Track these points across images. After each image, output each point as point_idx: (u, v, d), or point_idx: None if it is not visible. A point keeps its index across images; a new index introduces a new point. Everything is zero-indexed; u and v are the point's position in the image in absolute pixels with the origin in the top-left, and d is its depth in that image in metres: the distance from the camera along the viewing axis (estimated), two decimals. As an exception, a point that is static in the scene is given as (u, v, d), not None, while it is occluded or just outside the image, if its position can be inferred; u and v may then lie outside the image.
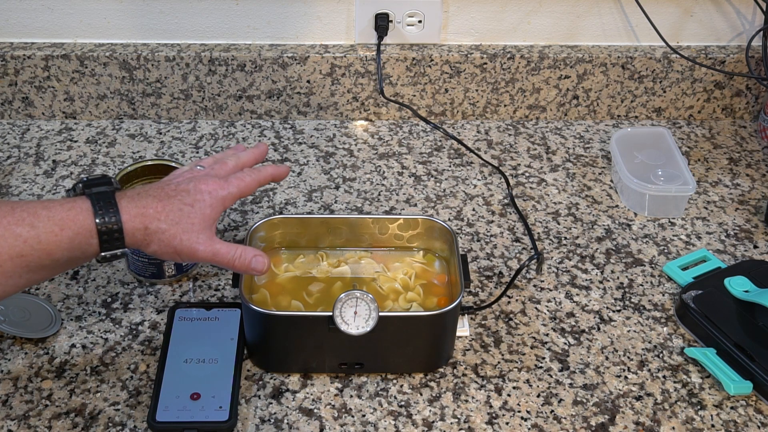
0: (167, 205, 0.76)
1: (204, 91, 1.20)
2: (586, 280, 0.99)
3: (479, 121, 1.25)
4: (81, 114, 1.22)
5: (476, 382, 0.87)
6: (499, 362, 0.89)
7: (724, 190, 1.14)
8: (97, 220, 0.73)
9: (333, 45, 1.20)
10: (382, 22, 1.17)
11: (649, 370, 0.89)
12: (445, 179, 1.14)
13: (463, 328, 0.92)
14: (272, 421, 0.83)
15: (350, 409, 0.84)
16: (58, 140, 1.18)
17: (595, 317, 0.95)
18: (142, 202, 0.76)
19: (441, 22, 1.19)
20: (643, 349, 0.91)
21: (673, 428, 0.84)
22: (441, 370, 0.88)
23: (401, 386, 0.86)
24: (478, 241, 1.04)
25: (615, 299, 0.97)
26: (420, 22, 1.19)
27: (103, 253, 0.74)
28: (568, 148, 1.20)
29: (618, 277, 1.00)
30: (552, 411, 0.85)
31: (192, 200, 0.78)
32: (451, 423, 0.83)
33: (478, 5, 1.19)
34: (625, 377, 0.88)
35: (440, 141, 1.21)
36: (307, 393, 0.85)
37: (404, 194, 1.11)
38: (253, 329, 0.86)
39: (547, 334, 0.93)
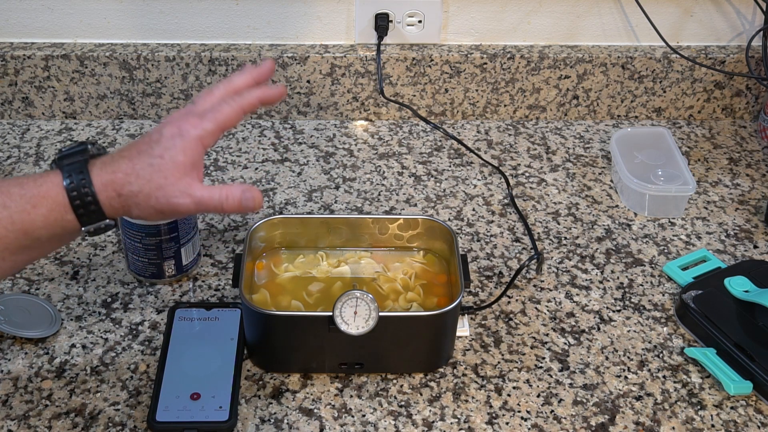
0: (137, 164, 0.71)
1: (204, 91, 1.20)
2: (586, 280, 0.99)
3: (479, 121, 1.25)
4: (81, 114, 1.22)
5: (476, 382, 0.87)
6: (499, 362, 0.89)
7: (724, 190, 1.14)
8: (69, 193, 0.69)
9: (333, 45, 1.20)
10: (382, 22, 1.17)
11: (649, 370, 0.89)
12: (445, 179, 1.14)
13: (463, 328, 0.92)
14: (272, 421, 0.83)
15: (350, 409, 0.84)
16: (58, 140, 1.18)
17: (595, 317, 0.95)
18: (113, 167, 0.71)
19: (441, 22, 1.19)
20: (643, 349, 0.91)
21: (673, 428, 0.84)
22: (441, 370, 0.88)
23: (401, 386, 0.86)
24: (478, 241, 1.04)
25: (615, 299, 0.97)
26: (420, 22, 1.19)
27: (85, 228, 0.70)
28: (568, 148, 1.20)
29: (618, 277, 1.00)
30: (552, 411, 0.85)
31: (161, 150, 0.71)
32: (451, 423, 0.83)
33: (478, 5, 1.19)
34: (625, 377, 0.88)
35: (440, 141, 1.21)
36: (307, 393, 0.85)
37: (404, 194, 1.11)
38: (253, 329, 0.86)
39: (547, 334, 0.93)
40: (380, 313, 0.81)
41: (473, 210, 1.09)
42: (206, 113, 0.74)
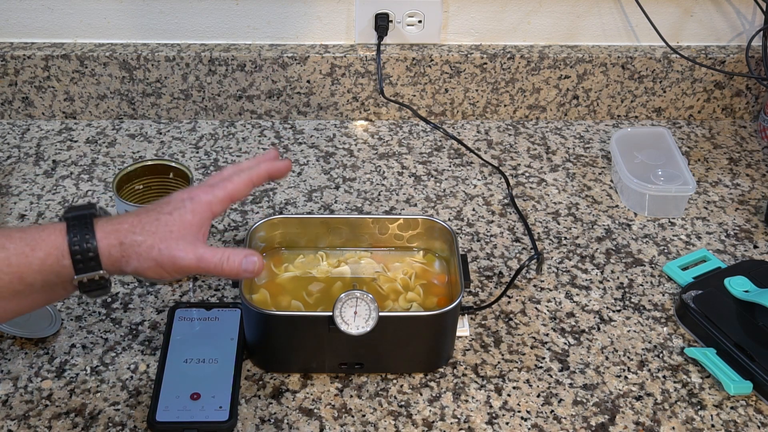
0: (144, 218, 0.73)
1: (204, 91, 1.20)
2: (586, 280, 0.99)
3: (479, 121, 1.25)
4: (81, 114, 1.22)
5: (476, 382, 0.87)
6: (499, 362, 0.89)
7: (724, 190, 1.14)
8: (69, 239, 0.69)
9: (333, 45, 1.20)
10: (382, 22, 1.17)
11: (649, 370, 0.89)
12: (445, 179, 1.14)
13: (463, 328, 0.92)
14: (272, 421, 0.83)
15: (350, 409, 0.84)
16: (58, 140, 1.18)
17: (595, 317, 0.95)
18: (118, 219, 0.73)
19: (441, 22, 1.19)
20: (643, 349, 0.91)
21: (673, 428, 0.84)
22: (441, 370, 0.88)
23: (401, 386, 0.86)
24: (478, 241, 1.04)
25: (615, 299, 0.97)
26: (420, 22, 1.19)
27: (78, 277, 0.70)
28: (568, 148, 1.20)
29: (618, 277, 1.00)
30: (552, 411, 0.85)
31: (171, 209, 0.74)
32: (451, 423, 0.83)
33: (478, 5, 1.19)
34: (625, 377, 0.88)
35: (440, 141, 1.21)
36: (307, 393, 0.85)
37: (404, 194, 1.11)
38: (253, 329, 0.86)
39: (547, 334, 0.93)
40: (380, 313, 0.81)
41: (473, 210, 1.09)
42: (217, 183, 0.77)
